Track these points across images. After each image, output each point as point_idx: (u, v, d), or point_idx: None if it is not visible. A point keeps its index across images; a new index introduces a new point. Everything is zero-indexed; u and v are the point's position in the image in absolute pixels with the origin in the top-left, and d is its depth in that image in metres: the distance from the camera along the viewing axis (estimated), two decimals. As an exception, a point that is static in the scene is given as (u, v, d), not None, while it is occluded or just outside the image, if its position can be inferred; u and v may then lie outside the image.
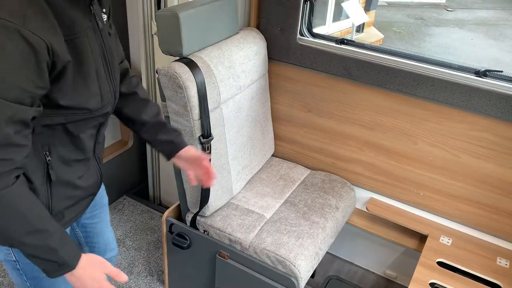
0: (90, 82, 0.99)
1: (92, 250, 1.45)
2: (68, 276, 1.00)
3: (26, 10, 0.84)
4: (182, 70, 1.51)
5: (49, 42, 0.86)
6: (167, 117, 1.62)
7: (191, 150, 1.32)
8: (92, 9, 0.99)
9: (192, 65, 1.54)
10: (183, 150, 1.31)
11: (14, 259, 1.14)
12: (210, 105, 1.61)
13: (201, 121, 1.58)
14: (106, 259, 1.48)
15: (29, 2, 0.85)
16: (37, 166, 1.00)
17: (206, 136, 1.61)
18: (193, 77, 1.52)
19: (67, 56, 0.91)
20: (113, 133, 2.72)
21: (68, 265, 0.98)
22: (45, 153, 1.02)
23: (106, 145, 2.68)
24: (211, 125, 1.62)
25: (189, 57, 1.58)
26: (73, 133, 1.04)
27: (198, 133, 1.60)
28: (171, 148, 1.31)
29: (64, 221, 1.15)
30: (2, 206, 0.89)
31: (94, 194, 1.25)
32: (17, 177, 0.91)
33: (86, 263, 1.01)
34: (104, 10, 1.07)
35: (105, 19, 1.07)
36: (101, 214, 1.44)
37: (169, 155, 1.32)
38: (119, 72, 1.18)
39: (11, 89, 0.84)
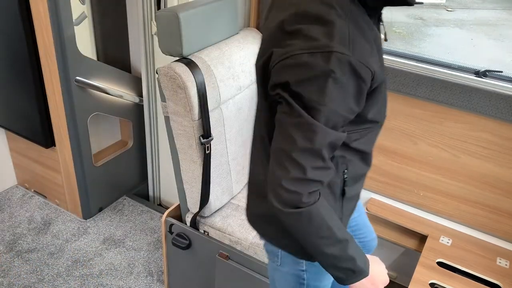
0: (383, 96, 1.01)
1: (361, 241, 1.49)
2: (359, 282, 1.02)
3: (354, 36, 0.83)
4: (182, 70, 1.51)
5: (373, 68, 0.85)
6: (167, 117, 1.63)
7: None
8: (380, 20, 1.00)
9: (192, 65, 1.54)
10: None
11: (303, 268, 1.16)
12: (210, 105, 1.61)
13: (201, 121, 1.58)
14: (374, 246, 1.55)
15: (355, 25, 0.84)
16: (335, 183, 1.04)
17: (206, 136, 1.61)
18: (193, 78, 1.52)
19: (382, 77, 0.91)
20: (113, 133, 2.72)
21: (364, 272, 1.01)
22: (344, 171, 1.05)
23: (105, 146, 2.69)
24: (211, 126, 1.62)
25: (189, 57, 1.58)
26: (364, 151, 1.08)
27: (198, 133, 1.59)
28: None
29: None
30: (312, 219, 0.92)
31: None
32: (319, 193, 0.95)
33: (370, 264, 1.05)
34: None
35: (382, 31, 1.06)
36: (359, 207, 1.44)
37: None
38: None
39: (333, 117, 0.85)
